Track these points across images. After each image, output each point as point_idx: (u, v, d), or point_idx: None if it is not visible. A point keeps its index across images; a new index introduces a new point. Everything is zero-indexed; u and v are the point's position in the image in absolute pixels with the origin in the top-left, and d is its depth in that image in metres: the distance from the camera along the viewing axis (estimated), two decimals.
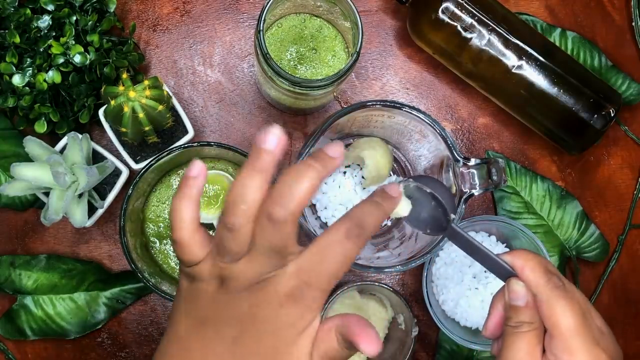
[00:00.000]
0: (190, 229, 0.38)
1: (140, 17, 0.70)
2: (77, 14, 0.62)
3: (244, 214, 0.35)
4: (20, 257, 0.67)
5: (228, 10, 0.71)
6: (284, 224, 0.35)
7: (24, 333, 0.67)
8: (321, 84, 0.56)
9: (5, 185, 0.60)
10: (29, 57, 0.61)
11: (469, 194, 0.52)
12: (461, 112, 0.72)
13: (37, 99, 0.62)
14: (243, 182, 0.36)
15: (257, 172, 0.36)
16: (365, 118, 0.59)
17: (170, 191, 0.66)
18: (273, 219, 0.35)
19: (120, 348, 0.68)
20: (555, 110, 0.66)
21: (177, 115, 0.65)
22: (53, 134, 0.65)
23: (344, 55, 0.66)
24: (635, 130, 0.73)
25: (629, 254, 0.73)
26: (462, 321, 0.67)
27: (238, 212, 0.36)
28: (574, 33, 0.73)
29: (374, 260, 0.59)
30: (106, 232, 0.69)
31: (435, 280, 0.68)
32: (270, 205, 0.35)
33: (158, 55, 0.70)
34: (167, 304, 0.69)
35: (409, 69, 0.72)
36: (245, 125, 0.70)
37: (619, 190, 0.73)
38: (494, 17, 0.65)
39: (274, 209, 0.35)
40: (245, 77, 0.71)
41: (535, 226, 0.71)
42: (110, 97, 0.58)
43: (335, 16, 0.64)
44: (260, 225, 0.35)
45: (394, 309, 0.68)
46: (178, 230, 0.38)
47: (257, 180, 0.36)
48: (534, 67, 0.65)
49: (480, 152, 0.72)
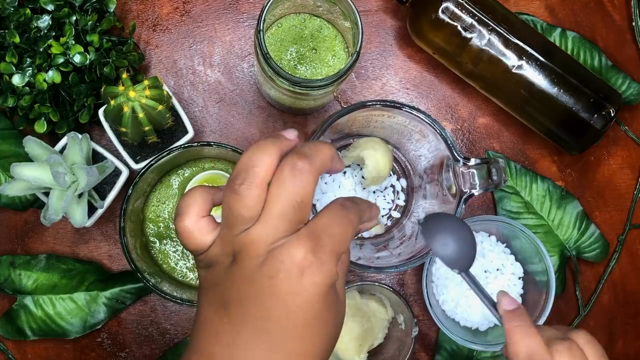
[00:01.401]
0: (194, 216, 0.37)
1: (140, 17, 0.70)
2: (77, 14, 0.62)
3: (256, 176, 0.35)
4: (20, 257, 0.67)
5: (228, 10, 0.71)
6: (306, 176, 0.34)
7: (24, 333, 0.67)
8: (321, 84, 0.56)
9: (5, 185, 0.59)
10: (29, 57, 0.61)
11: (469, 194, 0.52)
12: (461, 112, 0.72)
13: (37, 99, 0.62)
14: (256, 150, 0.36)
15: (271, 144, 0.36)
16: (365, 118, 0.59)
17: (170, 191, 0.66)
18: (296, 169, 0.34)
19: (120, 348, 0.68)
20: (555, 110, 0.66)
21: (177, 115, 0.65)
22: (53, 134, 0.65)
23: (344, 55, 0.66)
24: (635, 130, 0.73)
25: (629, 254, 0.73)
26: (462, 321, 0.67)
27: (250, 175, 0.35)
28: (574, 33, 0.73)
29: (374, 260, 0.59)
30: (106, 232, 0.69)
31: (435, 280, 0.68)
32: (296, 156, 0.35)
33: (158, 55, 0.70)
34: (167, 304, 0.69)
35: (409, 69, 0.72)
36: (245, 125, 0.70)
37: (619, 190, 0.73)
38: (494, 17, 0.65)
39: (299, 159, 0.35)
40: (245, 77, 0.71)
41: (535, 226, 0.71)
42: (110, 97, 0.58)
43: (335, 16, 0.64)
44: (279, 181, 0.34)
45: (394, 309, 0.68)
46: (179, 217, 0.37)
47: (272, 150, 0.35)
48: (534, 67, 0.65)
49: (480, 152, 0.72)
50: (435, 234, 0.48)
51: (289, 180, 0.34)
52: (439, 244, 0.48)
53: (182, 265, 0.65)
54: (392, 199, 0.68)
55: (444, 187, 0.57)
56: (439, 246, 0.48)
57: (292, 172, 0.34)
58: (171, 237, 0.65)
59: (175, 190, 0.66)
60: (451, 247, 0.48)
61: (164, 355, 0.68)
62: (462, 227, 0.49)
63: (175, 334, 0.69)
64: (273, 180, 0.35)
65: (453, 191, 0.54)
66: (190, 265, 0.65)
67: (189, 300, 0.59)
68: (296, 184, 0.34)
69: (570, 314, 0.72)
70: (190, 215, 0.37)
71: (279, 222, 0.34)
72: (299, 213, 0.35)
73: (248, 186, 0.34)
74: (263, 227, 0.34)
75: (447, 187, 0.55)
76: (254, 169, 0.35)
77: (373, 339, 0.67)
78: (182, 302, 0.59)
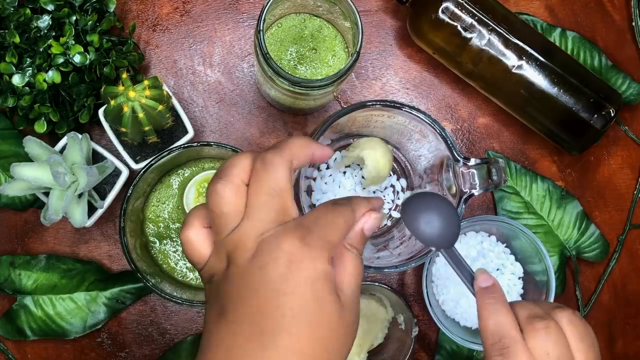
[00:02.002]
0: (197, 226, 0.38)
1: (140, 17, 0.70)
2: (77, 14, 0.62)
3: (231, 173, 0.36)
4: (20, 257, 0.67)
5: (228, 10, 0.71)
6: (277, 165, 0.36)
7: (24, 333, 0.67)
8: (321, 84, 0.56)
9: (5, 185, 0.59)
10: (29, 57, 0.61)
11: (469, 194, 0.52)
12: (461, 112, 0.72)
13: (37, 99, 0.62)
14: (231, 158, 0.38)
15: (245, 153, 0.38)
16: (365, 118, 0.59)
17: (170, 191, 0.66)
18: (266, 161, 0.36)
19: (120, 348, 0.68)
20: (555, 110, 0.66)
21: (177, 115, 0.65)
22: (53, 134, 0.65)
23: (344, 55, 0.66)
24: (635, 130, 0.73)
25: (629, 254, 0.73)
26: (462, 321, 0.67)
27: (225, 174, 0.36)
28: (574, 33, 0.73)
29: (374, 260, 0.59)
30: (106, 232, 0.69)
31: (435, 280, 0.68)
32: (264, 151, 0.37)
33: (158, 55, 0.70)
34: (167, 304, 0.69)
35: (409, 69, 0.72)
36: (245, 125, 0.70)
37: (619, 190, 0.73)
38: (494, 17, 0.65)
39: (267, 152, 0.37)
40: (245, 77, 0.71)
41: (535, 226, 0.71)
42: (110, 97, 0.58)
43: (335, 16, 0.64)
44: (254, 177, 0.36)
45: (394, 309, 0.68)
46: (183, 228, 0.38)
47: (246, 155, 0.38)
48: (534, 67, 0.65)
49: (480, 152, 0.72)
50: (413, 214, 0.47)
51: (261, 172, 0.36)
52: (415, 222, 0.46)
53: (182, 265, 0.65)
54: (392, 199, 0.68)
55: (444, 187, 0.57)
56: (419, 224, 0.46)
57: (263, 164, 0.36)
58: (171, 237, 0.65)
59: (175, 190, 0.66)
60: (431, 225, 0.47)
61: (164, 355, 0.68)
62: (441, 204, 0.48)
63: (175, 334, 0.69)
64: (250, 181, 0.36)
65: (453, 191, 0.54)
66: (190, 265, 0.65)
67: (189, 300, 0.59)
68: (270, 174, 0.36)
69: None
70: (194, 225, 0.38)
71: (263, 213, 0.35)
72: (278, 200, 0.36)
73: (224, 183, 0.36)
74: (249, 221, 0.35)
75: (447, 187, 0.55)
76: (229, 169, 0.37)
77: (373, 339, 0.67)
78: (182, 302, 0.59)
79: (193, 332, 0.69)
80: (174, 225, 0.66)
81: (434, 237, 0.47)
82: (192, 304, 0.59)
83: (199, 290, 0.64)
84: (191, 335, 0.69)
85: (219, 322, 0.35)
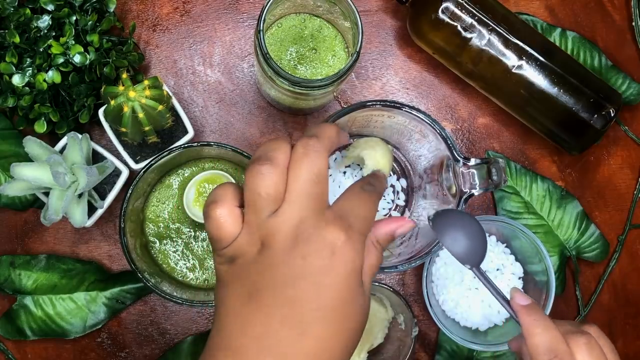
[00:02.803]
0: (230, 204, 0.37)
1: (140, 17, 0.70)
2: (77, 14, 0.62)
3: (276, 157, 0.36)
4: (20, 257, 0.67)
5: (228, 10, 0.71)
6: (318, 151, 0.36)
7: (24, 333, 0.67)
8: (321, 84, 0.56)
9: (5, 185, 0.59)
10: (29, 57, 0.61)
11: (469, 194, 0.52)
12: (461, 112, 0.72)
13: (37, 99, 0.62)
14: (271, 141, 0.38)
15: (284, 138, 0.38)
16: (365, 118, 0.59)
17: (170, 191, 0.66)
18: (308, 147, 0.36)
19: (120, 348, 0.68)
20: (555, 110, 0.66)
21: (177, 115, 0.65)
22: (53, 134, 0.65)
23: (344, 55, 0.66)
24: (635, 130, 0.73)
25: (629, 254, 0.73)
26: (462, 321, 0.67)
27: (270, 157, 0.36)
28: (574, 33, 0.73)
29: None
30: (106, 232, 0.69)
31: (435, 280, 0.68)
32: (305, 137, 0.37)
33: (158, 55, 0.70)
34: (167, 304, 0.69)
35: (409, 69, 0.72)
36: (245, 125, 0.70)
37: (619, 190, 0.73)
38: (494, 17, 0.65)
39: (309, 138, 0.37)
40: (245, 77, 0.71)
41: (535, 226, 0.71)
42: (110, 97, 0.58)
43: (335, 16, 0.64)
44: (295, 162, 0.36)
45: (394, 309, 0.68)
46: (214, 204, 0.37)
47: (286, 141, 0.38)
48: (534, 67, 0.65)
49: (480, 152, 0.72)
50: (447, 230, 0.49)
51: (303, 158, 0.36)
52: (450, 239, 0.49)
53: (182, 265, 0.65)
54: (392, 199, 0.68)
55: (444, 187, 0.56)
56: (451, 241, 0.49)
57: (305, 150, 0.36)
58: (171, 237, 0.65)
59: (175, 190, 0.66)
60: (462, 242, 0.49)
61: (164, 355, 0.68)
62: (472, 222, 0.50)
63: (175, 334, 0.69)
64: (290, 164, 0.36)
65: (453, 191, 0.54)
66: (190, 265, 0.65)
67: (189, 300, 0.59)
68: (311, 159, 0.36)
69: (570, 314, 0.72)
70: (227, 202, 0.37)
71: (303, 199, 0.36)
72: (318, 186, 0.36)
73: (270, 166, 0.36)
74: (289, 206, 0.35)
75: (447, 187, 0.55)
76: (273, 152, 0.37)
77: (373, 339, 0.67)
78: (182, 302, 0.59)
79: (193, 332, 0.69)
80: (174, 225, 0.66)
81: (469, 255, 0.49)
82: (192, 304, 0.59)
83: (199, 290, 0.64)
84: (191, 335, 0.69)
85: (250, 304, 0.35)
